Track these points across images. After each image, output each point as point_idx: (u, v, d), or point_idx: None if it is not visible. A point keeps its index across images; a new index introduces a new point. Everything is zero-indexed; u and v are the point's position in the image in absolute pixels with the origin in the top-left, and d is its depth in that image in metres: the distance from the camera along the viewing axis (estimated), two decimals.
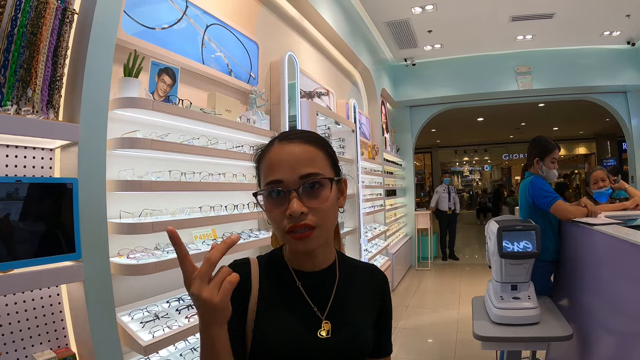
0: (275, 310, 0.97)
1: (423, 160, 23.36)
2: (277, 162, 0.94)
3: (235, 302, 0.90)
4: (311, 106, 3.91)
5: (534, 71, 8.33)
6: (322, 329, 0.97)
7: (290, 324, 0.96)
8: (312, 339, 0.95)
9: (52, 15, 1.70)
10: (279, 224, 0.92)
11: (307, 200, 0.91)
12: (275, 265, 1.04)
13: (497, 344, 2.62)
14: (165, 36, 2.53)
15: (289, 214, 0.89)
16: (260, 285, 0.99)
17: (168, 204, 2.46)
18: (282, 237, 0.94)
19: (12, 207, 1.52)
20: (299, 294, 1.00)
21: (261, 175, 0.98)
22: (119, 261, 2.03)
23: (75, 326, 1.86)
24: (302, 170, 0.92)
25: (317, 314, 0.98)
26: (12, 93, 1.60)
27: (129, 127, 2.18)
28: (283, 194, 0.91)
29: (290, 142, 0.96)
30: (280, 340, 0.94)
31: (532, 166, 3.28)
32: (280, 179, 0.91)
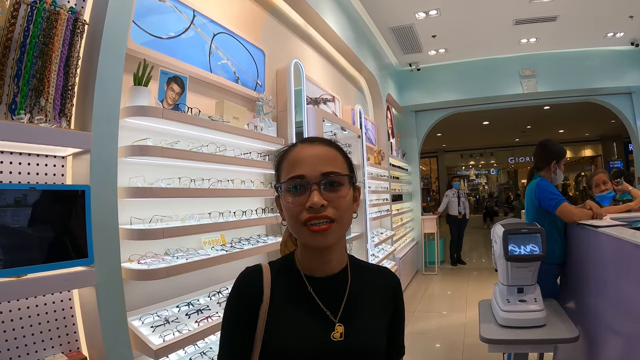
0: (287, 315, 1.00)
1: (429, 165, 23.32)
2: (301, 159, 0.99)
3: (246, 309, 0.99)
4: (317, 112, 3.94)
5: (538, 74, 8.35)
6: (336, 331, 0.98)
7: (303, 328, 0.98)
8: (325, 342, 0.97)
9: (64, 25, 1.75)
10: (297, 216, 0.96)
11: (327, 194, 0.96)
12: (287, 271, 1.07)
13: (503, 347, 2.64)
14: (173, 45, 2.57)
15: (310, 205, 0.94)
16: (271, 292, 1.01)
17: (177, 210, 2.49)
18: (298, 231, 0.98)
19: (25, 213, 1.56)
20: (311, 298, 1.02)
21: (282, 172, 1.02)
22: (129, 266, 2.06)
23: (87, 330, 1.89)
24: (324, 168, 0.98)
25: (330, 317, 1.00)
26: (25, 102, 1.64)
27: (138, 135, 2.22)
28: (304, 188, 0.96)
29: (313, 144, 1.03)
30: (292, 345, 0.96)
31: (544, 169, 3.29)
32: (302, 174, 0.97)
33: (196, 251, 2.47)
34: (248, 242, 2.91)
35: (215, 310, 2.41)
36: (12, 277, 1.48)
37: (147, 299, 2.29)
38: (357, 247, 5.06)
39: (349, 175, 1.01)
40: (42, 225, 1.61)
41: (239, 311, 1.01)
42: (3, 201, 1.50)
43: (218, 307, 2.48)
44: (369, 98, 7.55)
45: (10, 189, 1.56)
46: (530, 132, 16.76)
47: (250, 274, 1.05)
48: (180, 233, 2.26)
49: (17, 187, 1.58)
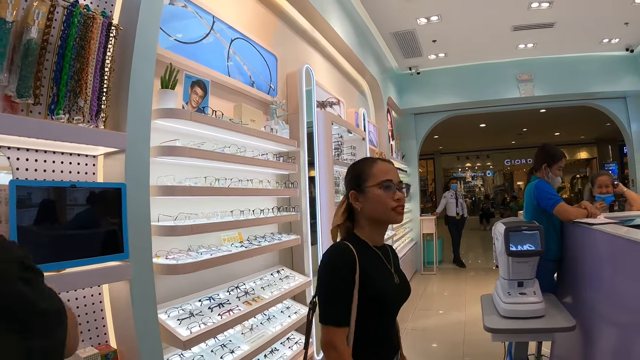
0: (373, 273, 1.48)
1: (426, 167, 23.44)
2: (388, 170, 1.56)
3: (351, 273, 1.42)
4: (327, 116, 4.05)
5: (535, 78, 8.48)
6: (395, 278, 1.57)
7: (383, 277, 1.52)
8: (393, 284, 1.55)
9: (99, 30, 1.82)
10: (388, 203, 1.50)
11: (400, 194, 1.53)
12: (359, 245, 1.52)
13: (505, 336, 2.84)
14: (195, 50, 2.67)
15: (398, 198, 1.51)
16: (359, 260, 1.45)
17: (201, 208, 2.60)
18: (386, 213, 1.52)
19: (65, 209, 1.65)
20: (381, 259, 1.57)
21: (371, 176, 1.54)
22: (158, 262, 2.16)
23: (116, 324, 1.97)
24: (399, 179, 1.57)
25: (391, 270, 1.58)
26: (64, 103, 1.71)
27: (166, 136, 2.32)
28: (391, 188, 1.52)
29: (388, 163, 1.60)
30: (382, 289, 1.48)
31: (539, 171, 3.42)
32: (391, 179, 1.53)
33: (218, 247, 2.58)
34: (264, 239, 3.02)
35: (236, 305, 2.52)
36: (52, 271, 1.55)
37: (171, 293, 2.39)
38: None
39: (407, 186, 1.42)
40: (82, 222, 1.70)
41: (347, 277, 1.41)
42: (45, 198, 1.58)
43: (237, 301, 2.59)
44: (370, 101, 7.66)
45: (52, 186, 1.65)
46: (527, 134, 16.90)
47: (347, 249, 1.46)
48: (206, 230, 2.36)
49: (58, 185, 1.67)
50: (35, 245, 1.52)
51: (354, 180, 1.59)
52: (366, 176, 1.55)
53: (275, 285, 3.07)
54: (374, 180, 1.52)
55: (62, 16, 1.72)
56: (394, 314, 1.59)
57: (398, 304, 1.57)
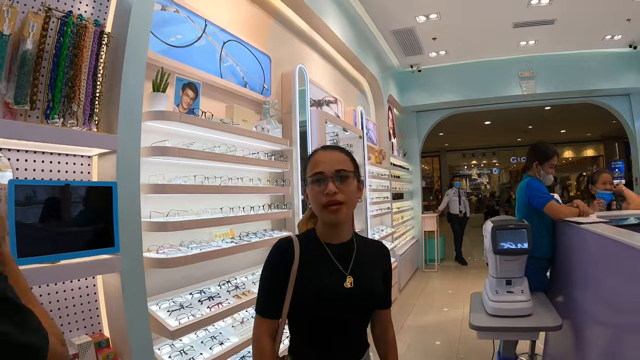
0: (313, 271, 1.39)
1: (432, 164, 23.43)
2: (321, 161, 1.41)
3: (283, 266, 1.39)
4: (320, 115, 4.14)
5: (537, 76, 8.47)
6: (347, 281, 1.40)
7: (325, 278, 1.39)
8: (340, 288, 1.38)
9: (91, 38, 1.94)
10: (318, 200, 1.37)
11: (338, 185, 1.37)
12: (311, 241, 1.46)
13: (491, 334, 2.83)
14: (187, 53, 2.77)
15: (326, 192, 1.35)
16: (300, 255, 1.41)
17: (192, 205, 2.71)
18: (320, 211, 1.40)
19: (60, 206, 1.77)
20: (330, 258, 1.43)
21: (308, 169, 1.43)
22: (149, 255, 2.28)
23: (109, 314, 2.10)
24: (336, 166, 1.39)
25: (342, 271, 1.42)
26: (59, 108, 1.83)
27: (157, 137, 2.43)
28: (323, 180, 1.37)
29: (330, 151, 1.46)
30: (318, 291, 1.36)
31: (531, 169, 3.47)
32: (322, 170, 1.38)
33: (208, 243, 2.69)
34: (255, 236, 3.12)
35: (225, 298, 2.63)
36: (47, 263, 1.68)
37: (163, 286, 2.50)
38: None
39: (353, 171, 1.42)
40: (75, 217, 1.82)
41: (276, 269, 1.41)
42: (41, 196, 1.70)
43: (228, 294, 2.70)
44: (370, 99, 7.72)
45: (48, 185, 1.77)
46: (532, 132, 16.82)
47: (285, 242, 1.45)
48: (196, 226, 2.49)
49: (53, 184, 1.79)
50: (31, 239, 1.64)
51: (302, 172, 1.54)
52: (306, 169, 1.46)
53: None
54: (308, 174, 1.43)
55: (57, 26, 1.83)
56: (339, 319, 1.38)
57: (344, 310, 1.38)
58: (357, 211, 5.36)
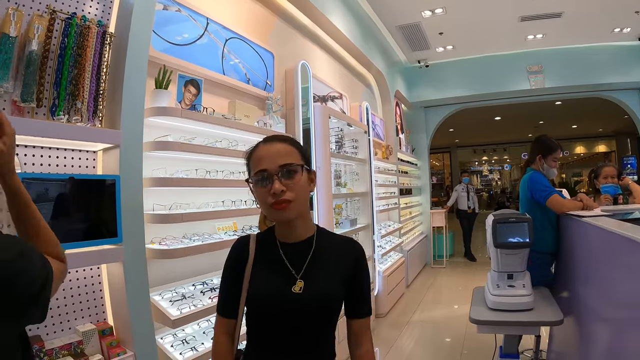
0: (263, 272, 1.33)
1: (442, 160, 23.37)
2: (262, 157, 1.28)
3: (237, 265, 1.34)
4: (324, 110, 4.18)
5: (545, 70, 8.38)
6: (296, 285, 1.28)
7: (272, 281, 1.30)
8: (287, 293, 1.27)
9: (94, 38, 2.01)
10: (265, 201, 1.26)
11: (285, 181, 1.25)
12: (268, 239, 1.38)
13: (491, 328, 2.81)
14: (189, 51, 2.85)
15: (272, 192, 1.23)
16: (255, 254, 1.35)
17: (194, 199, 2.78)
18: (267, 211, 1.30)
19: (65, 198, 1.84)
20: (281, 259, 1.33)
21: (251, 168, 1.32)
22: (152, 247, 2.36)
23: (113, 302, 2.18)
24: (281, 161, 1.26)
25: (293, 274, 1.30)
26: (64, 105, 1.91)
27: (160, 132, 2.50)
28: (268, 178, 1.25)
29: (271, 143, 1.32)
30: (264, 294, 1.29)
31: (534, 162, 3.46)
32: (265, 168, 1.26)
33: (211, 235, 2.76)
34: (257, 229, 3.15)
35: None
36: None
37: (166, 277, 2.58)
38: (363, 238, 5.29)
39: (300, 165, 1.30)
40: (80, 209, 1.90)
41: (231, 268, 1.36)
42: (46, 188, 1.78)
43: None
44: (377, 95, 7.74)
45: (53, 178, 1.84)
46: (543, 127, 16.65)
47: (241, 241, 1.40)
48: (197, 218, 2.56)
49: (58, 177, 1.86)
50: None
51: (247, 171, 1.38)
52: (249, 167, 1.34)
53: None
54: (252, 173, 1.31)
55: (61, 27, 1.90)
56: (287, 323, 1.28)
57: (291, 315, 1.27)
58: (362, 206, 5.44)
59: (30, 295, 0.89)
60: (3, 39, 1.70)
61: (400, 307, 6.19)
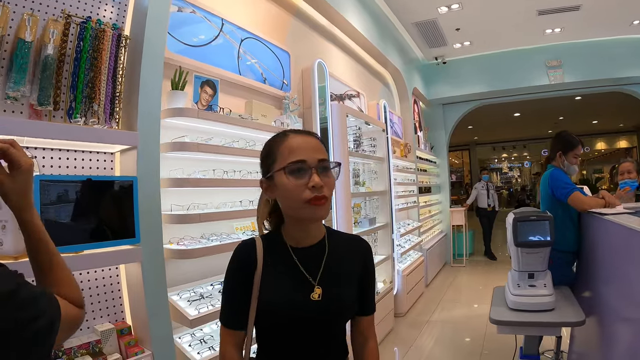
0: (276, 280, 1.22)
1: (461, 158, 23.16)
2: (299, 147, 1.18)
3: (243, 272, 1.22)
4: (341, 108, 4.17)
5: (564, 64, 8.20)
6: (314, 293, 1.20)
7: (288, 290, 1.21)
8: (305, 301, 1.19)
9: (109, 41, 2.04)
10: (298, 194, 1.14)
11: (322, 177, 1.16)
12: (276, 244, 1.27)
13: (511, 328, 2.75)
14: (205, 52, 2.86)
15: (312, 185, 1.14)
16: (264, 260, 1.23)
17: (212, 199, 2.79)
18: (299, 207, 1.17)
19: (83, 199, 1.86)
20: (295, 266, 1.23)
21: (278, 158, 1.20)
22: (170, 247, 2.38)
23: (131, 302, 2.20)
24: (319, 156, 1.18)
25: (310, 281, 1.22)
26: (80, 108, 1.94)
27: (177, 133, 2.52)
28: (304, 171, 1.15)
29: (304, 135, 1.23)
30: (280, 304, 1.19)
31: (555, 159, 3.41)
32: (304, 159, 1.16)
33: (229, 235, 2.77)
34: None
35: None
36: (71, 252, 1.78)
37: (184, 277, 2.60)
38: (382, 237, 5.26)
39: (338, 163, 1.24)
40: (97, 210, 1.91)
41: (237, 276, 1.24)
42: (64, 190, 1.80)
43: None
44: (395, 92, 7.69)
45: (71, 179, 1.86)
46: (563, 123, 16.36)
47: (246, 246, 1.27)
48: (214, 218, 2.57)
49: (76, 178, 1.88)
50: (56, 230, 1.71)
51: (263, 163, 1.27)
52: (274, 157, 1.21)
53: None
54: (281, 163, 1.18)
55: (76, 31, 1.93)
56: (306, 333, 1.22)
57: (311, 324, 1.21)
58: (381, 205, 5.42)
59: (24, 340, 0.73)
60: (19, 44, 1.73)
61: (420, 306, 6.14)
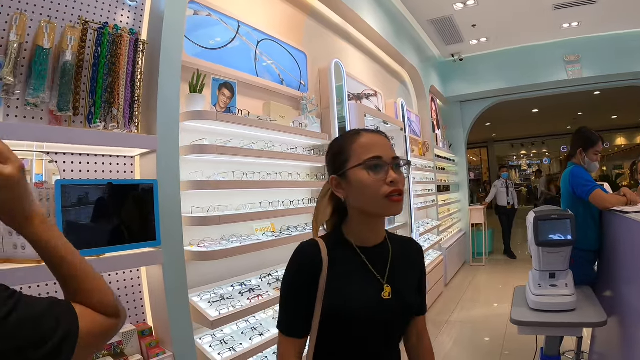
0: (344, 280, 1.20)
1: (479, 155, 22.93)
2: (374, 144, 1.20)
3: (309, 276, 1.18)
4: (359, 108, 4.17)
5: (583, 59, 8.03)
6: (385, 291, 1.21)
7: (361, 290, 1.20)
8: (379, 300, 1.20)
9: (127, 46, 2.05)
10: (377, 189, 1.15)
11: (396, 174, 1.18)
12: (340, 244, 1.25)
13: (532, 329, 2.71)
14: (222, 54, 2.87)
15: (391, 180, 1.15)
16: (329, 262, 1.20)
17: (232, 200, 2.80)
18: (377, 202, 1.17)
19: (104, 203, 1.88)
20: (364, 265, 1.23)
21: (353, 155, 1.20)
22: (191, 249, 2.39)
23: (153, 304, 2.22)
24: (392, 153, 1.21)
25: (379, 279, 1.22)
26: (100, 113, 1.96)
27: (196, 135, 2.54)
28: (381, 167, 1.17)
29: (375, 134, 1.25)
30: (351, 304, 1.17)
31: (575, 156, 3.36)
32: (380, 155, 1.18)
33: (249, 237, 2.79)
34: (296, 229, 3.19)
35: (266, 290, 2.71)
36: (93, 256, 1.80)
37: (205, 279, 2.61)
38: None
39: (409, 162, 1.25)
40: (118, 213, 1.93)
41: (301, 280, 1.20)
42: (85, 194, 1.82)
43: (268, 287, 2.78)
44: (412, 91, 7.64)
45: (92, 183, 1.89)
46: (582, 119, 16.09)
47: (309, 247, 1.23)
48: (234, 220, 2.58)
49: (97, 182, 1.91)
50: (77, 234, 1.76)
51: (333, 161, 1.27)
52: (347, 155, 1.21)
53: None
54: (357, 160, 1.19)
55: (94, 37, 1.95)
56: (380, 336, 1.23)
57: (384, 325, 1.23)
58: None
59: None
60: (37, 51, 1.75)
61: (439, 306, 6.10)
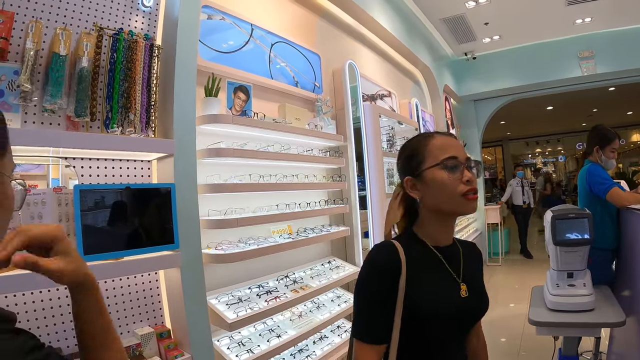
0: (425, 281, 1.20)
1: (494, 154, 22.76)
2: (449, 145, 1.25)
3: (389, 279, 1.18)
4: (374, 109, 4.17)
5: (597, 55, 7.93)
6: (462, 290, 1.24)
7: (441, 289, 1.23)
8: (458, 299, 1.23)
9: (142, 52, 2.07)
10: (454, 188, 1.19)
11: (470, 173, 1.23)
12: (415, 244, 1.27)
13: (550, 329, 2.70)
14: (236, 58, 2.89)
15: (467, 179, 1.20)
16: (407, 265, 1.19)
17: (248, 203, 2.81)
18: (454, 200, 1.20)
19: (122, 207, 1.90)
20: (442, 264, 1.26)
21: (429, 156, 1.24)
22: (208, 252, 2.41)
23: (171, 306, 2.23)
24: (466, 154, 1.26)
25: (455, 278, 1.26)
26: (117, 118, 1.98)
27: (213, 139, 2.56)
28: (457, 167, 1.21)
29: (447, 136, 1.30)
30: (436, 304, 1.18)
31: (592, 154, 3.34)
32: (456, 155, 1.22)
33: (266, 239, 2.80)
34: (312, 231, 3.20)
35: (283, 292, 2.73)
36: (111, 259, 1.81)
37: (222, 281, 2.63)
38: None
39: (479, 162, 1.28)
40: (136, 217, 1.95)
41: (383, 285, 1.18)
42: (103, 198, 1.84)
43: (286, 289, 2.79)
44: (425, 90, 7.60)
45: (110, 188, 1.91)
46: (597, 115, 15.90)
47: (387, 249, 1.23)
48: (251, 222, 2.59)
49: (115, 187, 1.93)
50: (95, 238, 1.77)
51: (408, 163, 1.29)
52: (422, 156, 1.25)
53: (324, 274, 3.22)
54: (433, 160, 1.22)
55: (109, 43, 1.98)
56: (455, 334, 1.26)
57: (461, 323, 1.26)
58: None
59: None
60: (54, 58, 1.78)
61: None
